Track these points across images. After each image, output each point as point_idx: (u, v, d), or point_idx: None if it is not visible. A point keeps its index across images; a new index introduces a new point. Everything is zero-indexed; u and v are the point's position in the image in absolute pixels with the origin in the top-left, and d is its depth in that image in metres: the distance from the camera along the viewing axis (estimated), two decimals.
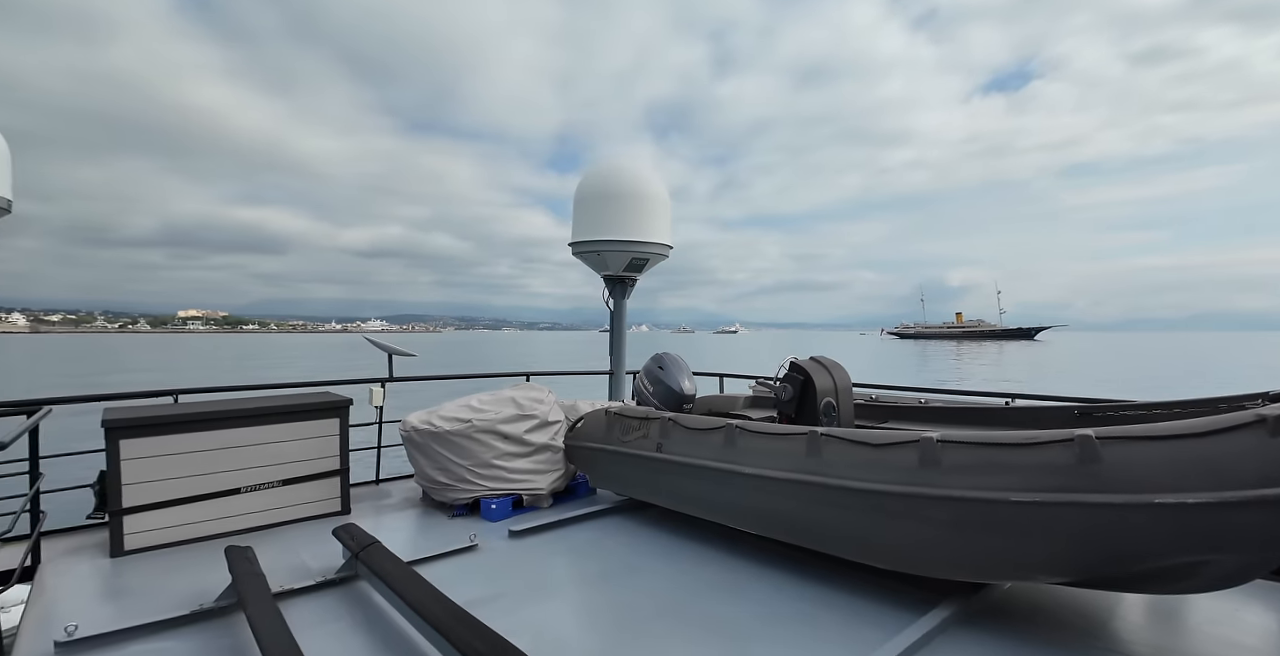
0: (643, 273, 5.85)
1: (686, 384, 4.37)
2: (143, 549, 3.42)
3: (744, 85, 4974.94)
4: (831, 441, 2.77)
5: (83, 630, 2.41)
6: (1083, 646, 2.34)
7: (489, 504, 3.93)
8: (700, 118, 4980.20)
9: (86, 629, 2.43)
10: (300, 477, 3.93)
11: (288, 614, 2.41)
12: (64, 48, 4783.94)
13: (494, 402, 4.25)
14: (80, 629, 2.41)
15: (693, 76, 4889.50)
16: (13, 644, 2.42)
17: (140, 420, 3.46)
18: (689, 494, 3.42)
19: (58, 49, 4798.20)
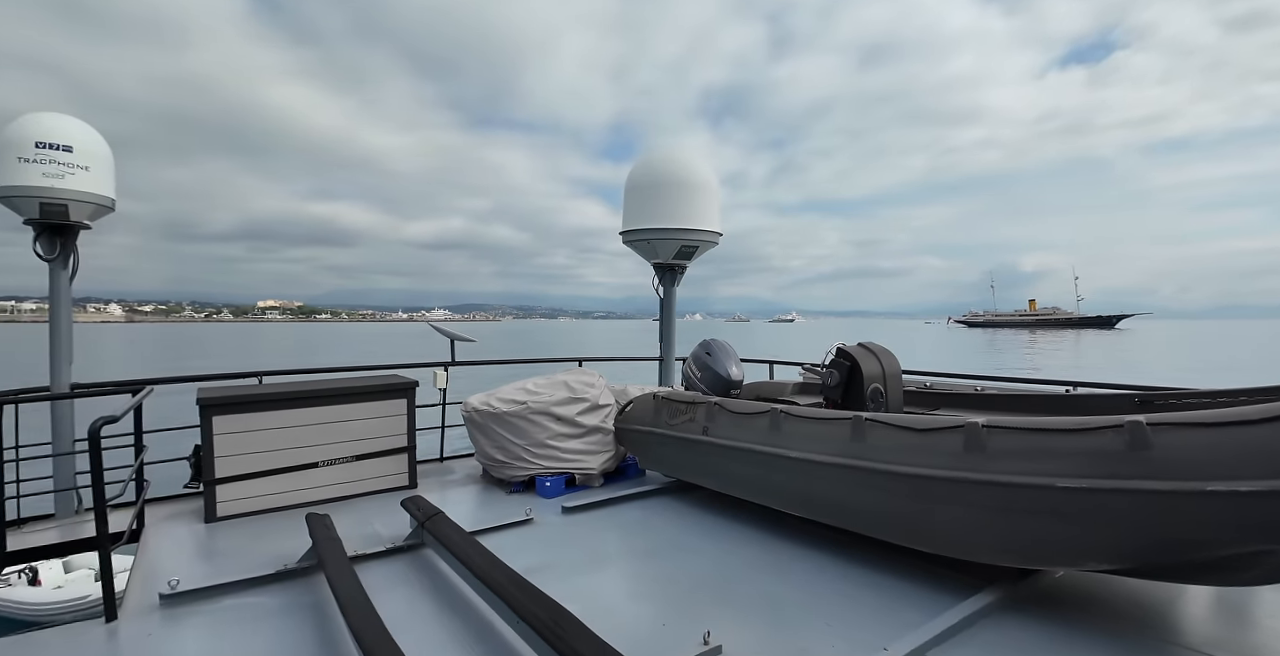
0: (692, 260, 5.91)
1: (734, 370, 4.43)
2: (233, 515, 3.77)
3: (802, 67, 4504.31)
4: (876, 426, 2.80)
5: (183, 585, 2.71)
6: (1137, 637, 2.30)
7: (543, 481, 4.12)
8: (756, 102, 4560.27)
9: (186, 584, 2.73)
10: (372, 453, 4.22)
11: (361, 576, 2.64)
12: (151, 55, 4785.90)
13: (548, 386, 4.44)
14: (181, 583, 2.71)
15: (748, 60, 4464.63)
16: (123, 596, 2.74)
17: (231, 399, 3.80)
18: (734, 476, 3.50)
19: (146, 56, 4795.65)
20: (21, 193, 3.62)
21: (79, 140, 3.76)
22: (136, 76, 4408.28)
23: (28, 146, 3.61)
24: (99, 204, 3.87)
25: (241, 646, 2.33)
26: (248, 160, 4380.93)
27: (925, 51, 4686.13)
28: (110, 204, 3.98)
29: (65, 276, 3.93)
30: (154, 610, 2.60)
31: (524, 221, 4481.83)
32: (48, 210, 3.68)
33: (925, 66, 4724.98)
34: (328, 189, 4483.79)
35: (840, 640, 2.30)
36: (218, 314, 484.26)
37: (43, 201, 3.65)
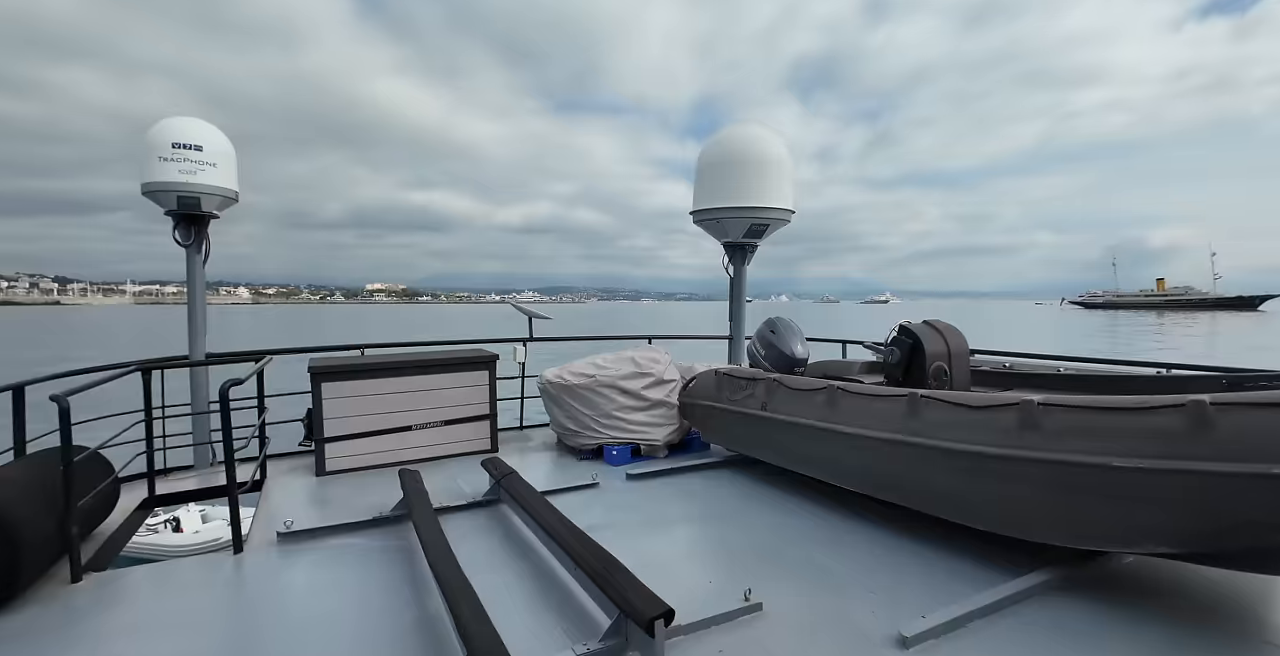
0: (763, 238, 5.90)
1: (798, 348, 4.44)
2: (340, 471, 4.25)
3: (899, 31, 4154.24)
4: (931, 403, 2.79)
5: (296, 525, 3.14)
6: (1200, 628, 2.21)
7: (610, 450, 4.35)
8: (849, 71, 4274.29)
9: (299, 525, 3.15)
10: (458, 419, 4.61)
11: (444, 525, 2.96)
12: (272, 57, 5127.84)
13: (616, 361, 4.65)
14: (294, 524, 3.14)
15: (841, 27, 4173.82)
16: (248, 534, 3.20)
17: (337, 367, 4.26)
18: (791, 450, 3.57)
19: (267, 59, 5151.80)
20: (162, 188, 4.19)
21: (208, 140, 4.29)
22: (260, 78, 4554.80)
23: (166, 147, 4.16)
24: (225, 196, 4.41)
25: (341, 578, 2.70)
26: (355, 152, 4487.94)
27: (1040, 6, 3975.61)
28: (234, 195, 4.52)
29: (199, 260, 4.52)
30: (272, 546, 3.04)
31: (607, 204, 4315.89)
32: (184, 202, 4.24)
33: (1039, 23, 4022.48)
34: (426, 178, 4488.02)
35: (881, 606, 2.36)
36: (331, 296, 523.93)
37: (179, 195, 4.21)
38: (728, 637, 2.16)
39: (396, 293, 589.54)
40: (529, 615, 2.34)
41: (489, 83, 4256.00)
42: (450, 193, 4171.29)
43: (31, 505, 2.54)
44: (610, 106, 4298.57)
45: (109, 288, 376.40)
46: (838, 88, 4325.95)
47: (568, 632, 2.21)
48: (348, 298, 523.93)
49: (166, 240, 4.43)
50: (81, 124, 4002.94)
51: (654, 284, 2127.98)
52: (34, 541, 2.47)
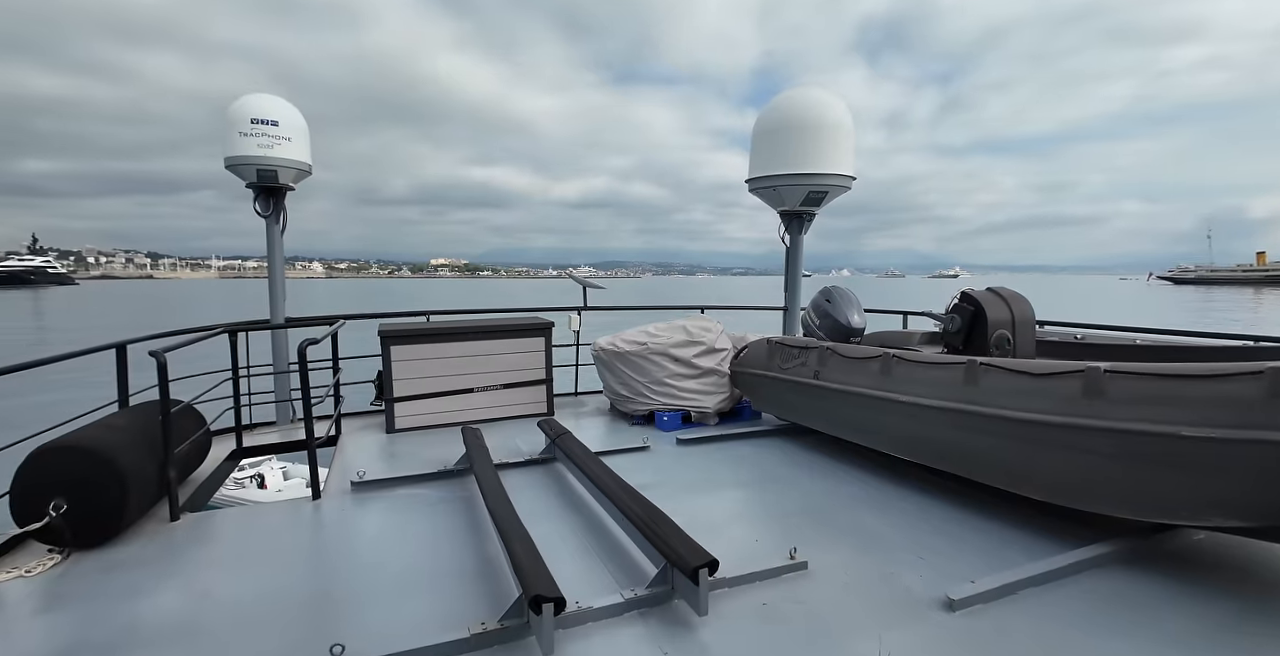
0: (821, 206, 5.76)
1: (854, 318, 4.37)
2: (408, 428, 4.51)
3: None
4: (990, 370, 2.72)
5: (369, 476, 3.37)
6: (1263, 601, 2.12)
7: (661, 416, 4.44)
8: (920, 31, 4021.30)
9: (371, 475, 3.39)
10: (516, 383, 4.80)
11: (503, 480, 3.12)
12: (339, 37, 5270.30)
13: (668, 330, 4.70)
14: (367, 474, 3.37)
15: None
16: (325, 483, 3.45)
17: (405, 332, 4.50)
18: (843, 419, 3.55)
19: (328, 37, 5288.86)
20: (243, 161, 4.45)
21: (283, 116, 4.52)
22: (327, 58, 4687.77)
23: (245, 123, 4.41)
24: (300, 168, 4.66)
25: (409, 524, 2.90)
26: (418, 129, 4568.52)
27: None
28: (308, 168, 4.76)
29: (277, 230, 4.81)
30: (347, 494, 3.28)
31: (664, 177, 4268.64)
32: (263, 175, 4.50)
33: None
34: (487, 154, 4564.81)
35: (930, 569, 2.36)
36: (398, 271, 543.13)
37: (258, 168, 4.47)
38: (771, 592, 2.22)
39: (459, 268, 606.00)
40: (580, 561, 2.47)
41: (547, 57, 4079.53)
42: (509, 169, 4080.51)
43: (137, 451, 2.83)
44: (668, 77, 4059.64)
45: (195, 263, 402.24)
46: (907, 50, 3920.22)
47: (616, 578, 2.32)
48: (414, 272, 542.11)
49: (245, 217, 4.75)
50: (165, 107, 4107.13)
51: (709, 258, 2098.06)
52: (139, 483, 2.76)
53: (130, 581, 2.39)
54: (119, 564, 2.53)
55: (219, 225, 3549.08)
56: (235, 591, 2.31)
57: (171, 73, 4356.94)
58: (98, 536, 2.66)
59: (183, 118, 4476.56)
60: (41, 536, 2.55)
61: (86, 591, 2.32)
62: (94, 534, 2.64)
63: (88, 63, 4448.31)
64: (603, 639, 1.96)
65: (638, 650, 1.90)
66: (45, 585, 2.36)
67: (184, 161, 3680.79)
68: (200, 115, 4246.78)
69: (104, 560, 2.56)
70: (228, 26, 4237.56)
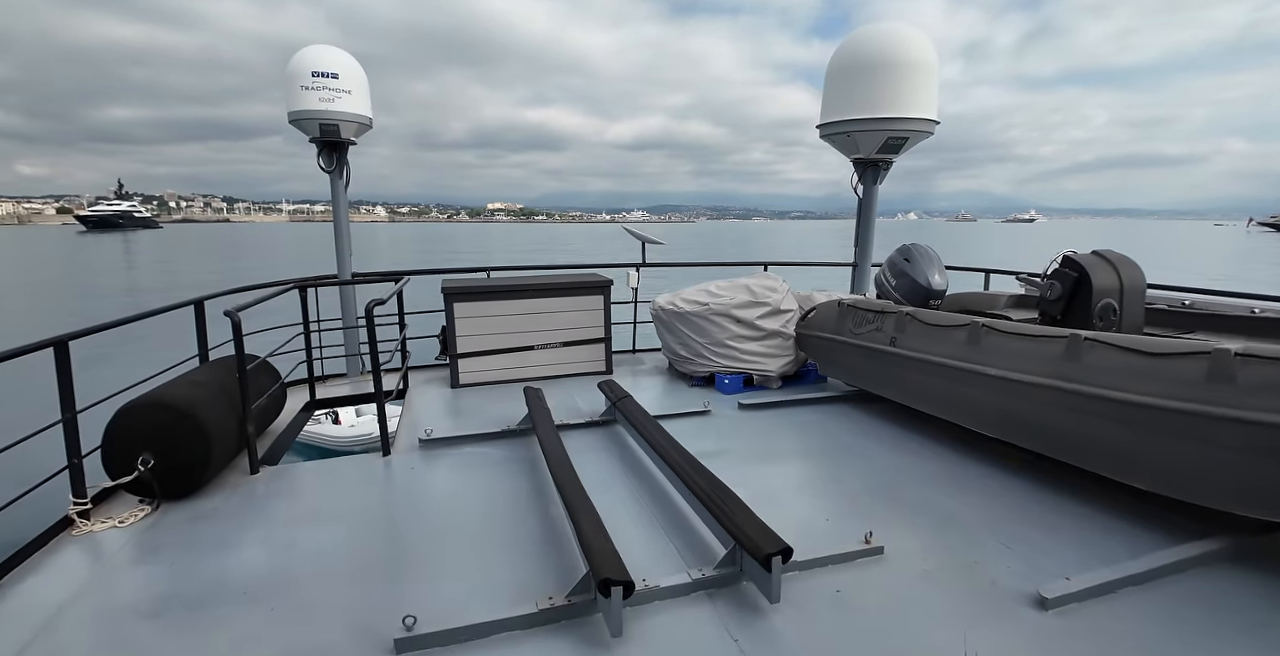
0: (899, 154, 5.35)
1: (936, 278, 4.08)
2: (470, 384, 4.58)
3: None
4: (1097, 346, 2.48)
5: (435, 433, 3.44)
6: None
7: (722, 378, 4.34)
8: None
9: (437, 433, 3.45)
10: (575, 341, 4.78)
11: (565, 441, 3.12)
12: None
13: (730, 289, 4.53)
14: (434, 432, 3.44)
15: None
16: (394, 438, 3.55)
17: (467, 288, 4.50)
18: (922, 390, 3.37)
19: None
20: (306, 116, 4.42)
21: (343, 68, 4.43)
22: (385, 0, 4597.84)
23: (306, 76, 4.35)
24: (360, 122, 4.60)
25: (474, 483, 2.95)
26: (475, 71, 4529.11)
27: None
28: (369, 122, 4.69)
29: (341, 185, 4.81)
30: (415, 450, 3.36)
31: (721, 115, 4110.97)
32: (325, 129, 4.47)
33: None
34: (541, 95, 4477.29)
35: (1020, 562, 2.23)
36: (457, 215, 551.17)
37: (321, 122, 4.43)
38: (845, 577, 2.15)
39: (514, 212, 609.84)
40: (645, 535, 2.45)
41: None
42: (564, 109, 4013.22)
43: (217, 405, 2.95)
44: (730, 6, 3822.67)
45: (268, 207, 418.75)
46: None
47: (684, 555, 2.29)
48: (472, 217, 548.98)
49: (311, 163, 4.74)
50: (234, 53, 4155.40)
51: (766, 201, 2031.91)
52: (221, 437, 2.89)
53: (215, 533, 2.53)
54: (204, 516, 2.68)
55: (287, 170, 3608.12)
56: (312, 547, 2.41)
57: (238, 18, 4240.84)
58: (184, 488, 2.81)
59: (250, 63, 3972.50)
60: (132, 488, 2.72)
61: (175, 542, 2.47)
62: (180, 486, 2.80)
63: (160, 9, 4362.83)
64: (670, 619, 1.94)
65: (705, 634, 1.87)
66: (136, 535, 2.52)
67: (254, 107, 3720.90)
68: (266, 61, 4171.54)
69: (190, 511, 2.72)
70: None
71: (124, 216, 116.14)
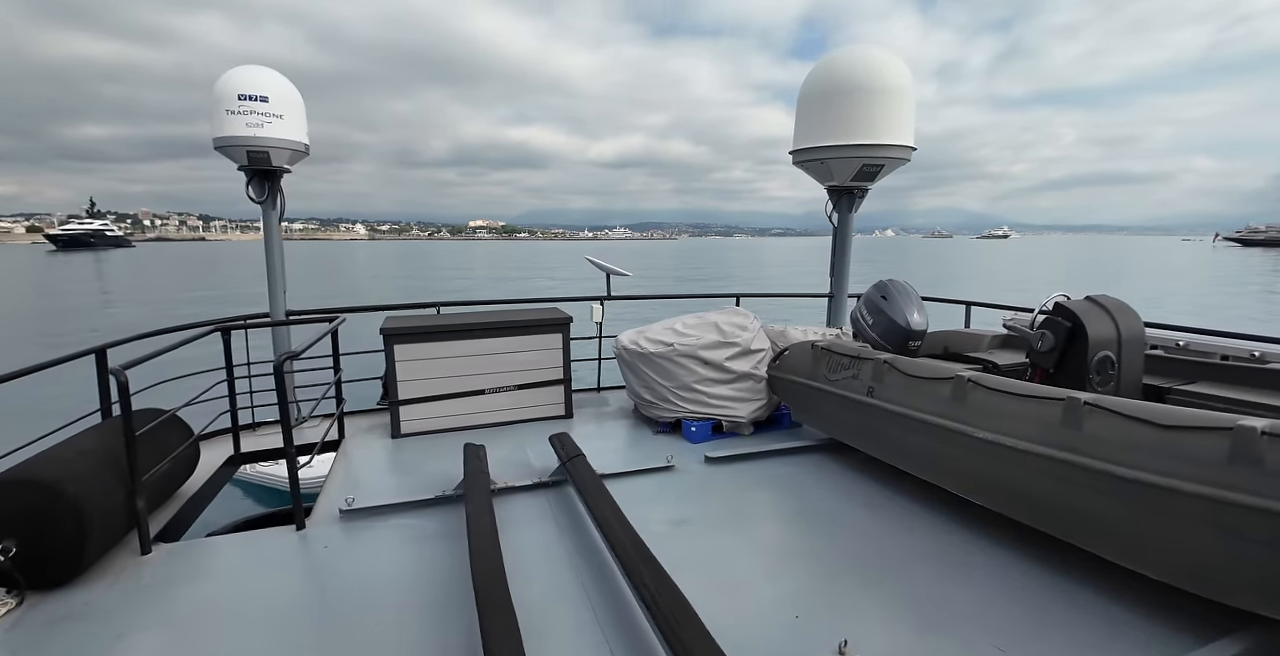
0: (875, 181, 5.12)
1: (915, 317, 3.79)
2: (414, 434, 4.18)
3: None
4: (1099, 413, 2.17)
5: (360, 501, 3.04)
6: None
7: (689, 425, 3.99)
8: None
9: (363, 499, 3.06)
10: (531, 383, 4.40)
11: (504, 506, 2.77)
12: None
13: (698, 327, 4.20)
14: (356, 501, 3.04)
15: None
16: (315, 506, 3.13)
17: (410, 329, 4.12)
18: (902, 447, 3.05)
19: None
20: (232, 142, 4.04)
21: (274, 90, 4.07)
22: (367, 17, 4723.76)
23: (231, 99, 3.98)
24: (294, 149, 4.23)
25: (397, 567, 2.56)
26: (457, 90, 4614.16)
27: None
28: (304, 149, 4.33)
29: (275, 216, 4.43)
30: (335, 522, 2.96)
31: (702, 135, 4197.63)
32: (254, 157, 4.09)
33: None
34: (523, 113, 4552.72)
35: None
36: (438, 232, 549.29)
37: (249, 150, 4.06)
38: None
39: (496, 229, 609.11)
40: (574, 642, 2.07)
41: (585, 9, 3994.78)
42: (546, 128, 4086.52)
43: (102, 478, 2.54)
44: (711, 29, 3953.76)
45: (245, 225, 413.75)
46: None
47: None
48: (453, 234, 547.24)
49: (292, 179, 4.39)
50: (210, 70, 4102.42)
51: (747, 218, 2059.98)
52: (103, 513, 2.47)
53: (86, 633, 2.13)
54: (75, 611, 2.27)
55: None
56: (200, 649, 2.01)
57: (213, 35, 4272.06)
58: (54, 577, 2.40)
59: None
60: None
61: (38, 643, 2.06)
62: (50, 575, 2.38)
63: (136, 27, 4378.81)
64: None
65: None
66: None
67: None
68: None
69: (62, 605, 2.30)
70: None
71: (96, 235, 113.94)
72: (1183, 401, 2.82)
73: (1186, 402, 2.81)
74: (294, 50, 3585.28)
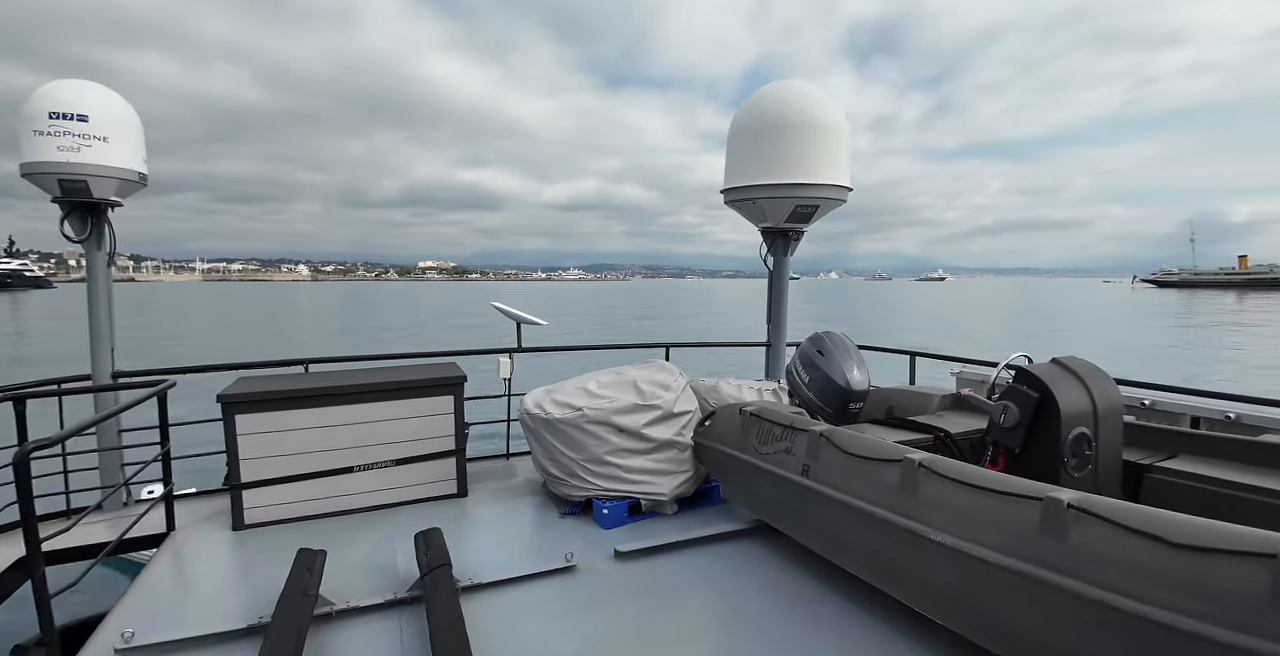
0: (810, 223, 4.74)
1: (855, 375, 3.32)
2: (262, 524, 3.39)
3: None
4: (1087, 520, 1.66)
5: (141, 637, 2.27)
6: None
7: (600, 506, 3.34)
8: (910, 35, 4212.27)
9: (149, 633, 2.29)
10: (414, 457, 3.68)
11: (340, 636, 2.08)
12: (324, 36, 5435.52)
13: (614, 386, 3.61)
14: (135, 638, 2.26)
15: None
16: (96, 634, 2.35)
17: (257, 396, 3.38)
18: (844, 543, 2.49)
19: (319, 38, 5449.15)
20: (39, 169, 3.32)
21: (96, 108, 3.39)
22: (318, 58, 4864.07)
23: (42, 118, 3.29)
24: (124, 178, 3.52)
25: None
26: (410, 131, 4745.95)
27: None
28: (138, 178, 3.62)
29: (101, 258, 3.67)
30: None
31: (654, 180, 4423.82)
32: (67, 187, 3.37)
33: None
34: (477, 156, 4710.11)
35: None
36: (385, 273, 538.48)
37: (61, 178, 3.34)
38: None
39: (447, 270, 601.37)
40: None
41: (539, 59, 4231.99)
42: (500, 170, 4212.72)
43: None
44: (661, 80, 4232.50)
45: (179, 265, 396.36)
46: (896, 53, 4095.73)
47: None
48: (401, 275, 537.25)
49: (233, 219, 3.80)
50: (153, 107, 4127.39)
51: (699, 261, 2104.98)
52: None
53: None
54: None
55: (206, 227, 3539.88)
56: None
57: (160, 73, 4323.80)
58: None
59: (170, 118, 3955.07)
60: None
61: None
62: None
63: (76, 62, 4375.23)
64: None
65: None
66: None
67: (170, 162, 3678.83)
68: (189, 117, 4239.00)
69: None
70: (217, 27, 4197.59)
71: (13, 275, 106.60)
72: (1165, 483, 2.38)
73: (1169, 484, 2.37)
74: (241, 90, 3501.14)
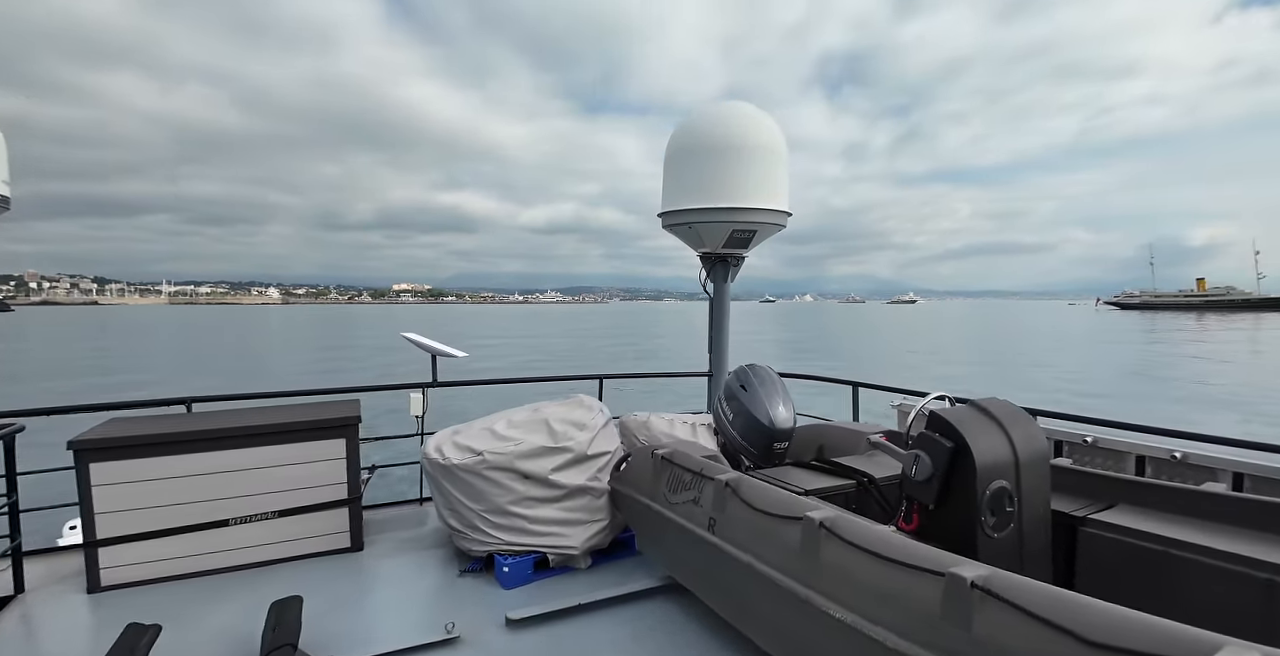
0: (751, 248, 4.55)
1: (780, 412, 3.07)
2: (122, 585, 2.99)
3: (932, 24, 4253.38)
4: (991, 603, 1.40)
5: None
6: None
7: (502, 563, 3.00)
8: (878, 66, 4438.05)
9: None
10: (300, 508, 3.30)
11: None
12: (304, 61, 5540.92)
13: (525, 426, 3.30)
14: None
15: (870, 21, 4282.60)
16: None
17: (115, 441, 3.00)
18: (747, 608, 2.20)
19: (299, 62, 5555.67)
20: None
21: None
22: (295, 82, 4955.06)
23: None
24: None
25: None
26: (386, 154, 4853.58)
27: None
28: (4, 202, 3.25)
29: None
30: None
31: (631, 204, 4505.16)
32: None
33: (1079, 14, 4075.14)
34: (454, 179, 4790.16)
35: None
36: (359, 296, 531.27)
37: None
38: None
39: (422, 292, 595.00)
40: None
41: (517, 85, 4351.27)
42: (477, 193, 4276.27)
43: None
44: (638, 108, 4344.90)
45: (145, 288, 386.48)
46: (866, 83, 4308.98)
47: None
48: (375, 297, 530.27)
49: (202, 241, 3.33)
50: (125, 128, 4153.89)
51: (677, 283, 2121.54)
52: None
53: None
54: None
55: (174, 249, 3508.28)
56: None
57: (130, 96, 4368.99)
58: None
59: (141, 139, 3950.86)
60: None
61: None
62: None
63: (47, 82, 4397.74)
64: None
65: None
66: None
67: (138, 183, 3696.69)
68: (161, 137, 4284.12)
69: None
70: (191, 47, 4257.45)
71: None
72: (1100, 538, 2.14)
73: (1105, 540, 2.13)
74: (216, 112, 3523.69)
